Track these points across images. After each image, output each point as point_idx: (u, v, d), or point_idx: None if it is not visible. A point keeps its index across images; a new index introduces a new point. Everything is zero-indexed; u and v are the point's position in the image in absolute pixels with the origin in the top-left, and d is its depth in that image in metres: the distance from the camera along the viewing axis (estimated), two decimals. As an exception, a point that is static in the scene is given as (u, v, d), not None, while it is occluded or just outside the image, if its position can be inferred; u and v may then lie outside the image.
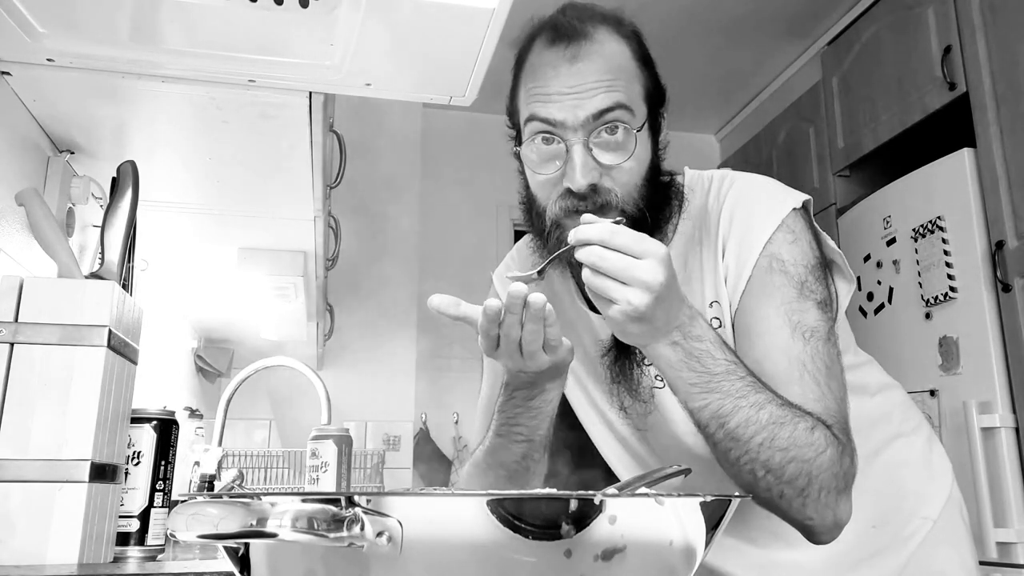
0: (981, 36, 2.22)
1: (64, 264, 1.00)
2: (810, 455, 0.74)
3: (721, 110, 4.02)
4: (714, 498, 0.47)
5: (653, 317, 0.71)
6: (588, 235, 0.70)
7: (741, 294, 0.86)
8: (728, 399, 0.74)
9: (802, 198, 0.89)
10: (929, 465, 0.99)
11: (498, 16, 0.88)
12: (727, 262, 0.88)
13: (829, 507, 0.76)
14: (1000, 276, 2.06)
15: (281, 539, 0.39)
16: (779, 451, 0.74)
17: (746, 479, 0.76)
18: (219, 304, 2.11)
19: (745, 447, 0.74)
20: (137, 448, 1.04)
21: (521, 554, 0.42)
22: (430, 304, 0.75)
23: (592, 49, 0.84)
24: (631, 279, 0.69)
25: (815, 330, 0.82)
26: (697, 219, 0.92)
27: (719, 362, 0.75)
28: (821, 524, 0.77)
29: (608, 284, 0.70)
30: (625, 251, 0.70)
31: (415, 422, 3.28)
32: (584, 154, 0.82)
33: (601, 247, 0.70)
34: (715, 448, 0.77)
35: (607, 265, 0.70)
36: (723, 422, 0.74)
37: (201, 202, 1.42)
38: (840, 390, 0.81)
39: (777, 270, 0.84)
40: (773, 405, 0.75)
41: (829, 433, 0.76)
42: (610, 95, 0.83)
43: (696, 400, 0.75)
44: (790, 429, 0.74)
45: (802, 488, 0.75)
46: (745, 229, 0.87)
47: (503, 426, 0.87)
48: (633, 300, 0.69)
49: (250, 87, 1.02)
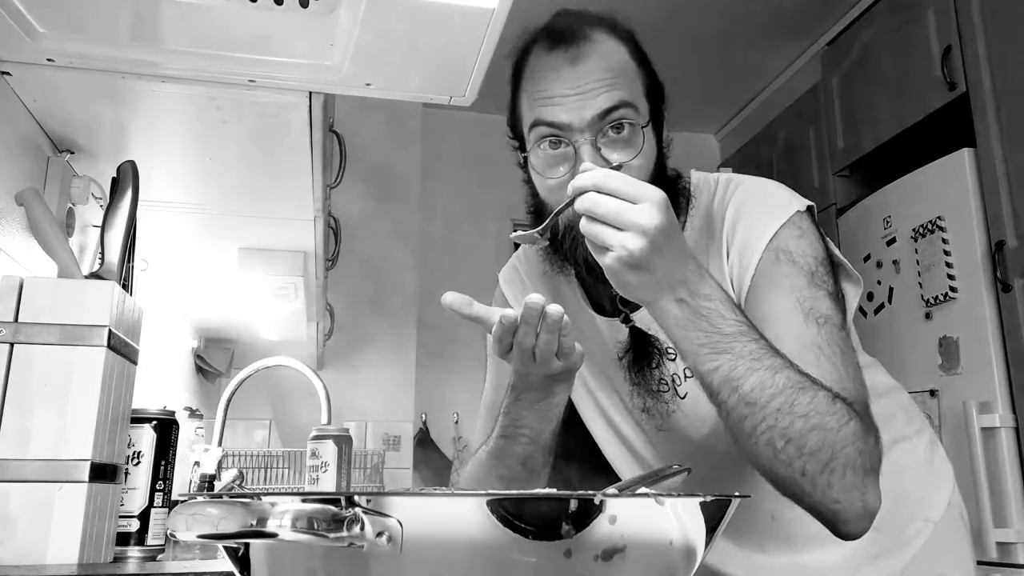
0: (981, 36, 2.22)
1: (64, 264, 1.00)
2: (833, 424, 0.69)
3: (721, 110, 4.02)
4: (714, 498, 0.47)
5: (651, 265, 0.68)
6: (583, 182, 0.69)
7: (747, 289, 0.84)
8: (741, 361, 0.70)
9: (807, 203, 0.89)
10: (931, 468, 0.98)
11: (498, 16, 0.88)
12: (732, 261, 0.87)
13: (856, 488, 0.70)
14: (1000, 276, 2.06)
15: (281, 539, 0.39)
16: (800, 417, 0.69)
17: (765, 455, 0.71)
18: (219, 304, 2.11)
19: (762, 413, 0.69)
20: (137, 448, 1.04)
21: (521, 554, 0.42)
22: (443, 301, 0.74)
23: (591, 50, 0.84)
24: (626, 223, 0.67)
25: (828, 317, 0.78)
26: (702, 221, 0.92)
27: (730, 322, 0.71)
28: (849, 508, 0.71)
29: (602, 229, 0.68)
30: (619, 195, 0.68)
31: (415, 422, 3.28)
32: (593, 154, 0.81)
33: (595, 192, 0.68)
34: (729, 418, 0.72)
35: (601, 210, 0.68)
36: (736, 385, 0.70)
37: (201, 202, 1.42)
38: (858, 374, 0.77)
39: (784, 260, 0.82)
40: (791, 370, 0.70)
41: (851, 409, 0.71)
42: (613, 93, 0.82)
43: (706, 362, 0.71)
44: (811, 395, 0.69)
45: (826, 462, 0.69)
46: (749, 228, 0.86)
47: (508, 427, 0.87)
48: (628, 244, 0.67)
49: (250, 87, 1.02)
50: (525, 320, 0.72)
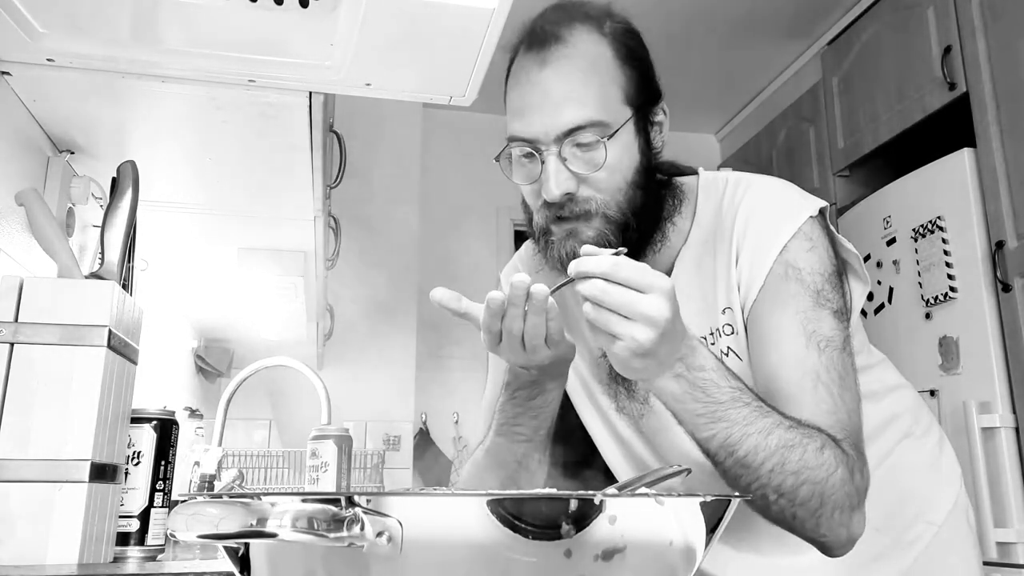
0: (981, 36, 2.22)
1: (64, 264, 1.00)
2: (821, 476, 0.73)
3: (721, 110, 4.02)
4: (714, 498, 0.47)
5: (657, 352, 0.69)
6: (589, 268, 0.67)
7: (754, 301, 0.85)
8: (736, 427, 0.72)
9: (819, 204, 0.88)
10: (937, 469, 0.97)
11: (498, 16, 0.88)
12: (740, 268, 0.86)
13: (843, 525, 0.76)
14: (1000, 276, 2.06)
15: (281, 539, 0.39)
16: (791, 475, 0.73)
17: (759, 504, 0.76)
18: (219, 304, 2.11)
19: (756, 473, 0.73)
20: (137, 448, 1.04)
21: (521, 554, 0.42)
22: (432, 297, 0.74)
23: (562, 53, 0.83)
24: (635, 314, 0.67)
25: (831, 340, 0.81)
26: (711, 223, 0.91)
27: (724, 390, 0.73)
28: (835, 541, 0.77)
29: (611, 319, 0.68)
30: (629, 285, 0.67)
31: (415, 422, 3.28)
32: (557, 165, 0.82)
33: (603, 281, 0.67)
34: (725, 475, 0.76)
35: (610, 300, 0.67)
36: (732, 451, 0.73)
37: (201, 202, 1.42)
38: (853, 401, 0.80)
39: (793, 278, 0.83)
40: (781, 429, 0.73)
41: (839, 451, 0.75)
42: (578, 111, 0.81)
43: (704, 431, 0.74)
44: (800, 452, 0.73)
45: (815, 509, 0.74)
46: (760, 235, 0.86)
47: (504, 426, 0.87)
48: (638, 336, 0.67)
49: (250, 87, 1.02)
50: (512, 302, 0.72)
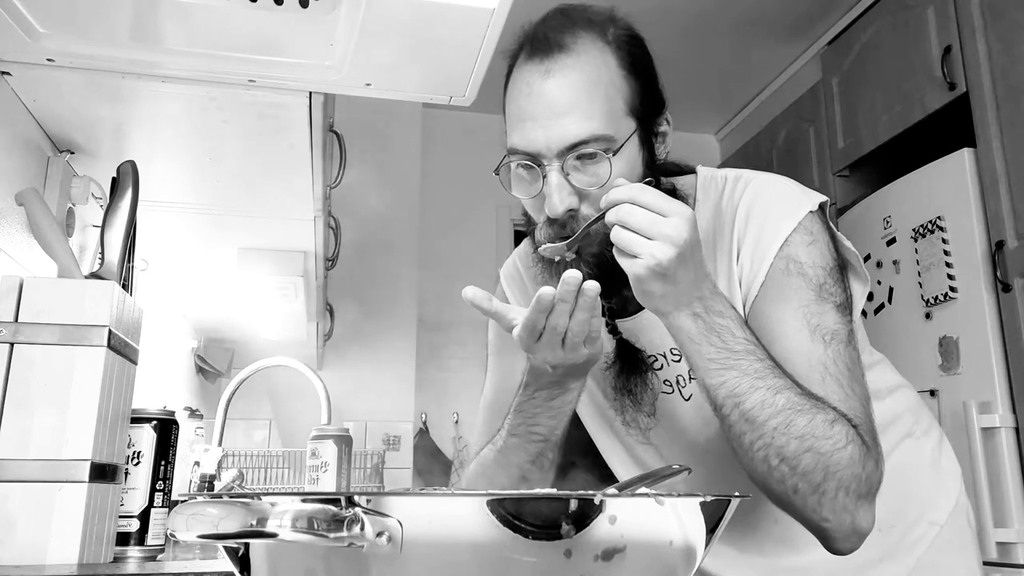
0: (981, 36, 2.22)
1: (64, 264, 1.00)
2: (827, 448, 0.72)
3: (721, 110, 4.02)
4: (714, 498, 0.47)
5: (676, 277, 0.72)
6: (618, 195, 0.73)
7: (756, 296, 0.84)
8: (745, 378, 0.73)
9: (819, 199, 0.87)
10: (938, 469, 0.97)
11: (498, 16, 0.88)
12: (741, 264, 0.86)
13: (847, 510, 0.73)
14: (1000, 276, 2.06)
15: (281, 539, 0.39)
16: (795, 439, 0.72)
17: (760, 469, 0.74)
18: (219, 304, 2.11)
19: (759, 431, 0.72)
20: (137, 448, 1.04)
21: (521, 554, 0.42)
22: (464, 295, 0.76)
23: (567, 63, 0.82)
24: (656, 233, 0.71)
25: (835, 333, 0.80)
26: (711, 220, 0.90)
27: (739, 340, 0.74)
28: (838, 528, 0.74)
29: (633, 238, 0.72)
30: (652, 208, 0.72)
31: (415, 422, 3.28)
32: (559, 180, 0.81)
33: (630, 204, 0.72)
34: (730, 432, 0.75)
35: (634, 220, 0.72)
36: (739, 401, 0.73)
37: (201, 202, 1.42)
38: (864, 393, 0.79)
39: (795, 272, 0.82)
40: (791, 392, 0.73)
41: (853, 432, 0.74)
42: (583, 124, 0.80)
43: (714, 376, 0.74)
44: (808, 417, 0.72)
45: (817, 484, 0.72)
46: (760, 231, 0.85)
47: (520, 426, 0.86)
48: (657, 254, 0.71)
49: (250, 87, 1.02)
50: (562, 298, 0.73)
